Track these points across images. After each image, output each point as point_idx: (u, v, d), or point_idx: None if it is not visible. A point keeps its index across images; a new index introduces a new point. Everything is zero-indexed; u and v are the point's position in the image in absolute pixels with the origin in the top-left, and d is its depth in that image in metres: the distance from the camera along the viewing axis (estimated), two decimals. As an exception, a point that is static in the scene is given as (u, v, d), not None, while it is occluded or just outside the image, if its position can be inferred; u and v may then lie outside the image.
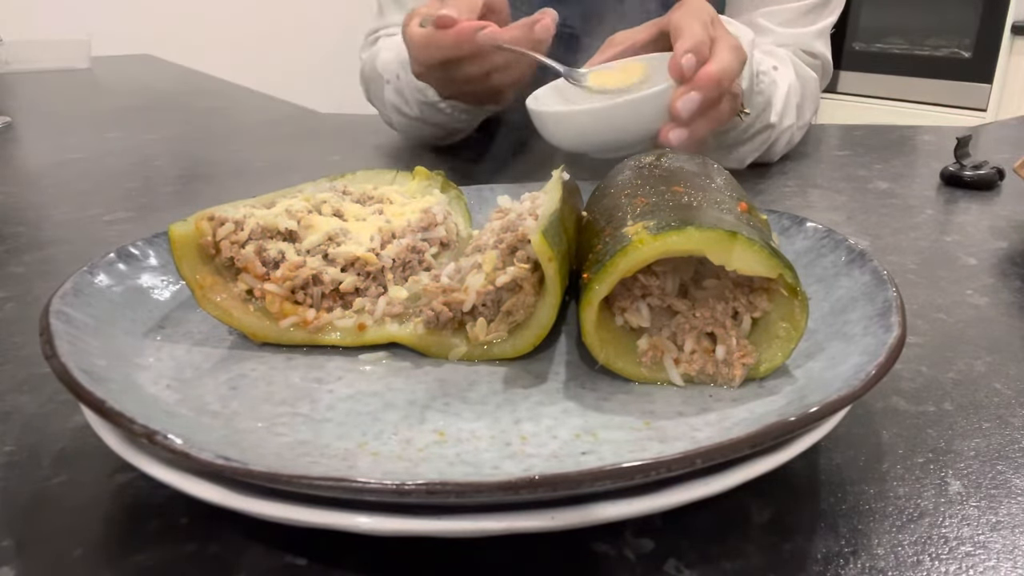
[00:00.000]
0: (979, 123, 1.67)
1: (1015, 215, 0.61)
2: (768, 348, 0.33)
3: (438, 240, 0.43)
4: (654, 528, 0.27)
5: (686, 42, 0.54)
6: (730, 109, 0.58)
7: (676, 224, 0.31)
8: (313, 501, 0.23)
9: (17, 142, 0.97)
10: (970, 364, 0.38)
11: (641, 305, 0.34)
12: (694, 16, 0.56)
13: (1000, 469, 0.30)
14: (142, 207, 0.66)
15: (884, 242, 0.55)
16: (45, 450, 0.31)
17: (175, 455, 0.24)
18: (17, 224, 0.62)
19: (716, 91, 0.53)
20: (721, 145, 0.70)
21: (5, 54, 1.62)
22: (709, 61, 0.54)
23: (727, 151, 0.71)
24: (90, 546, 0.26)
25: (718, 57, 0.54)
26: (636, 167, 0.43)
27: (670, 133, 0.54)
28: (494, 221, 0.40)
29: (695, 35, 0.54)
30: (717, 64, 0.53)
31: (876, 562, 0.25)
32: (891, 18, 2.77)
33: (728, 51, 0.55)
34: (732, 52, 0.55)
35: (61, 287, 0.34)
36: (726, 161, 0.72)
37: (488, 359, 0.36)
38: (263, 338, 0.37)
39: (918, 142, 0.89)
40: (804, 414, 0.25)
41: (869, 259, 0.37)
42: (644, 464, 0.22)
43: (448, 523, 0.23)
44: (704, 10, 0.57)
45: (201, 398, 0.32)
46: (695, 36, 0.54)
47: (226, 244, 0.37)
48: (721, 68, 0.53)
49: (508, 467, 0.27)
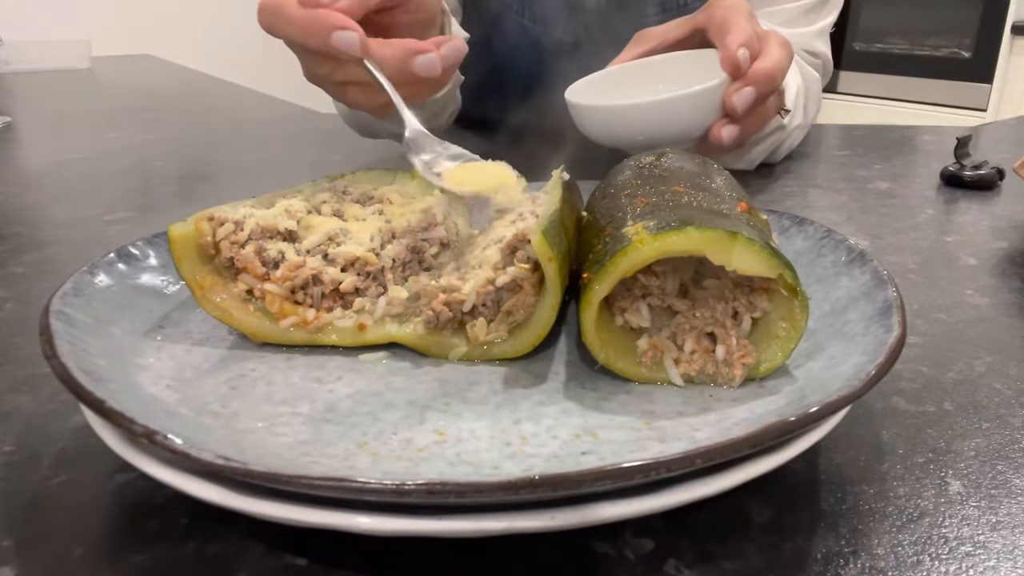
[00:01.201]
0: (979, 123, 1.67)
1: (1015, 215, 0.61)
2: (768, 348, 0.33)
3: (438, 240, 0.43)
4: (654, 528, 0.27)
5: (737, 37, 0.52)
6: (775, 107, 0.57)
7: (676, 224, 0.31)
8: (313, 501, 0.23)
9: (17, 142, 0.97)
10: (970, 364, 0.38)
11: (641, 305, 0.34)
12: (737, 11, 0.55)
13: (1000, 469, 0.30)
14: (142, 207, 0.66)
15: (884, 242, 0.55)
16: (45, 450, 0.31)
17: (175, 455, 0.24)
18: (17, 224, 0.62)
19: (770, 86, 0.52)
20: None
21: (5, 54, 1.62)
22: (760, 56, 0.53)
23: (741, 152, 0.71)
24: (90, 546, 0.26)
25: (770, 53, 0.53)
26: (636, 167, 0.43)
27: (722, 130, 0.53)
28: (495, 221, 0.40)
29: (744, 30, 0.53)
30: (769, 59, 0.52)
31: (876, 562, 0.25)
32: (891, 18, 2.77)
33: (778, 47, 0.53)
34: (782, 48, 0.54)
35: (61, 287, 0.34)
36: (739, 163, 0.72)
37: (488, 359, 0.36)
38: (263, 338, 0.37)
39: (918, 142, 0.89)
40: (804, 414, 0.25)
41: (869, 259, 0.37)
42: (644, 464, 0.22)
43: (448, 523, 0.23)
44: (744, 6, 0.56)
45: (201, 398, 0.32)
46: (744, 31, 0.53)
47: (226, 244, 0.37)
48: (774, 63, 0.52)
49: (508, 467, 0.27)
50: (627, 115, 0.55)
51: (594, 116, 0.57)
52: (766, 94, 0.53)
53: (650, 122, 0.55)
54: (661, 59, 0.63)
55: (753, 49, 0.52)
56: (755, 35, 0.53)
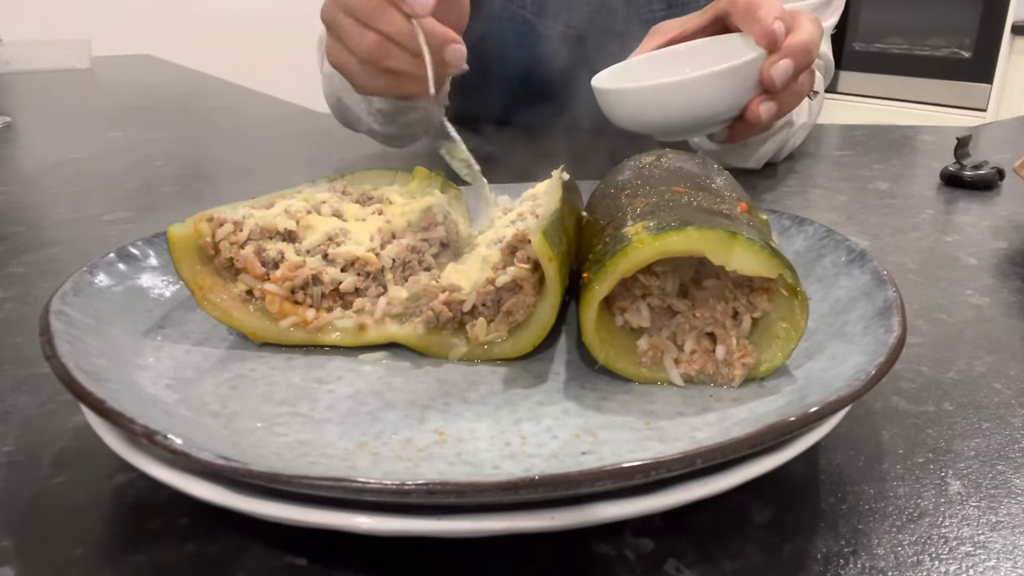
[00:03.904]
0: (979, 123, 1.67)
1: (1015, 215, 0.61)
2: (768, 348, 0.33)
3: (438, 240, 0.43)
4: (654, 528, 0.27)
5: (771, 11, 0.52)
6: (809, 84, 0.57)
7: (676, 224, 0.31)
8: (313, 501, 0.23)
9: (17, 142, 0.97)
10: (970, 364, 0.38)
11: (641, 305, 0.34)
12: None
13: (1000, 469, 0.30)
14: (142, 207, 0.66)
15: (884, 242, 0.55)
16: (45, 450, 0.31)
17: (175, 455, 0.24)
18: (17, 224, 0.62)
19: (807, 59, 0.52)
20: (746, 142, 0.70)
21: (5, 54, 1.62)
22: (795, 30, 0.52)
23: (749, 151, 0.71)
24: (90, 546, 0.26)
25: (803, 26, 0.53)
26: (636, 167, 0.43)
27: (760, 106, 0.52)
28: (497, 221, 0.40)
29: (775, 6, 0.53)
30: (803, 32, 0.52)
31: (876, 562, 0.25)
32: (891, 18, 2.77)
33: (809, 21, 0.53)
34: (814, 23, 0.53)
35: (61, 287, 0.34)
36: (746, 162, 0.72)
37: (488, 359, 0.36)
38: (263, 338, 0.37)
39: (918, 142, 0.89)
40: (804, 414, 0.25)
41: (869, 259, 0.37)
42: (644, 464, 0.22)
43: (448, 523, 0.23)
44: None
45: (201, 398, 0.32)
46: (775, 7, 0.52)
47: (225, 245, 0.37)
48: (808, 35, 0.52)
49: (508, 467, 0.27)
50: (662, 96, 0.53)
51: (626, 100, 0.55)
52: (803, 67, 0.52)
53: (687, 102, 0.53)
54: (684, 47, 0.61)
55: (787, 23, 0.52)
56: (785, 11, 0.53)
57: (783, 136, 0.71)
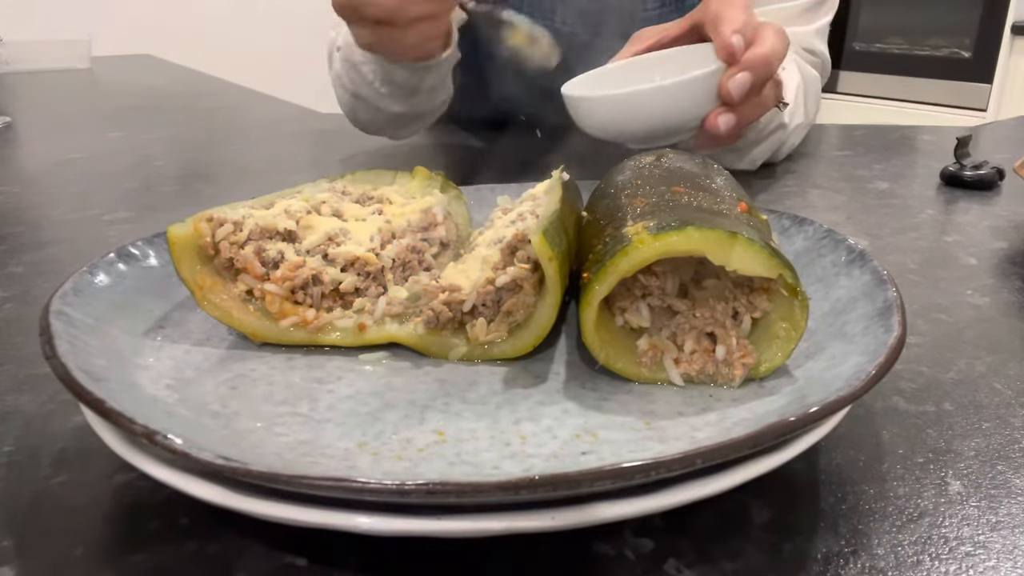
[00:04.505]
0: (979, 123, 1.67)
1: (1015, 215, 0.61)
2: (768, 348, 0.33)
3: (438, 240, 0.43)
4: (654, 528, 0.27)
5: (731, 24, 0.53)
6: (773, 97, 0.57)
7: (676, 224, 0.31)
8: (313, 501, 0.23)
9: (17, 142, 0.97)
10: (970, 364, 0.38)
11: (641, 305, 0.34)
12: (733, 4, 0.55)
13: (1000, 469, 0.30)
14: (142, 207, 0.66)
15: (884, 242, 0.55)
16: (45, 450, 0.31)
17: (175, 455, 0.24)
18: (17, 224, 0.62)
19: (766, 72, 0.52)
20: (738, 146, 0.70)
21: (5, 54, 1.62)
22: (756, 43, 0.53)
23: (742, 153, 0.71)
24: (90, 546, 0.26)
25: (765, 39, 0.53)
26: (636, 167, 0.43)
27: (719, 118, 0.53)
28: (497, 221, 0.40)
29: (739, 19, 0.53)
30: (765, 45, 0.52)
31: (876, 562, 0.25)
32: (891, 18, 2.77)
33: (773, 34, 0.54)
34: (777, 35, 0.54)
35: (61, 287, 0.34)
36: (740, 163, 0.72)
37: (488, 359, 0.36)
38: (263, 338, 0.37)
39: (918, 142, 0.89)
40: (804, 414, 0.25)
41: (869, 259, 0.37)
42: (644, 464, 0.22)
43: (448, 523, 0.23)
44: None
45: (201, 398, 0.32)
46: (738, 19, 0.53)
47: (225, 245, 0.37)
48: (770, 48, 0.52)
49: (508, 467, 0.27)
50: (621, 105, 0.55)
51: (588, 108, 0.56)
52: (762, 80, 0.53)
53: (646, 112, 0.54)
54: (657, 55, 0.63)
55: (748, 36, 0.53)
56: (749, 23, 0.53)
57: (777, 138, 0.71)
